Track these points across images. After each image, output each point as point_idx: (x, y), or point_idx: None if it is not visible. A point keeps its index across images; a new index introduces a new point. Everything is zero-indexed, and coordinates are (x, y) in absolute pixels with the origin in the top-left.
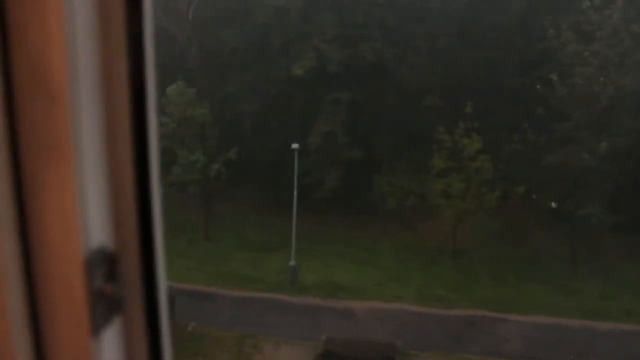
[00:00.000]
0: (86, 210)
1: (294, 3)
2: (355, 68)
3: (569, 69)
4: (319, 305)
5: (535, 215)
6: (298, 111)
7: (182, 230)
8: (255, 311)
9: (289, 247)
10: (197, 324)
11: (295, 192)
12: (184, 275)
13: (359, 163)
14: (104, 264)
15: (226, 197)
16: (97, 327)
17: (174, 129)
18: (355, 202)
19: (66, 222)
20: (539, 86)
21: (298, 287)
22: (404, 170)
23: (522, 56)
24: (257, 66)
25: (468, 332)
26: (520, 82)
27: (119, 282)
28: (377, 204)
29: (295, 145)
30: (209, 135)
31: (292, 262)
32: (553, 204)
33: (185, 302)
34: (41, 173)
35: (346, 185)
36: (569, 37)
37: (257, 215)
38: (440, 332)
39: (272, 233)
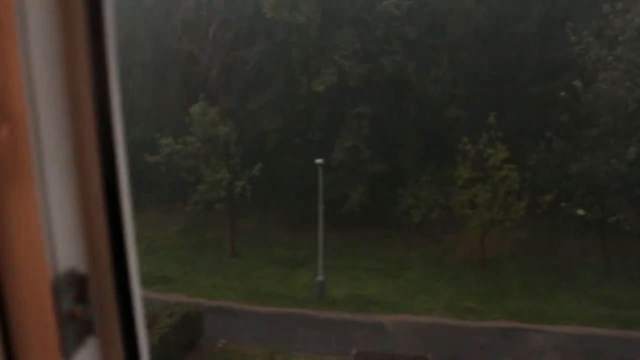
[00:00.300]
0: (53, 234)
1: (313, 20)
2: (376, 82)
3: (593, 75)
4: (348, 319)
5: (564, 223)
6: (321, 127)
7: (209, 248)
8: (284, 327)
9: (316, 262)
10: (227, 341)
11: (320, 207)
12: (211, 293)
13: (383, 177)
14: (74, 286)
15: (252, 213)
16: (68, 350)
17: (198, 148)
18: (380, 215)
19: (31, 245)
20: (562, 93)
21: (326, 302)
22: (428, 182)
23: (545, 63)
24: (278, 83)
25: (501, 344)
26: (544, 90)
27: (90, 304)
28: (402, 217)
29: (319, 161)
30: (233, 153)
31: (319, 277)
32: (582, 212)
33: (214, 319)
34: (4, 197)
35: (371, 199)
36: (591, 42)
37: (282, 231)
38: (472, 344)
39: (298, 249)
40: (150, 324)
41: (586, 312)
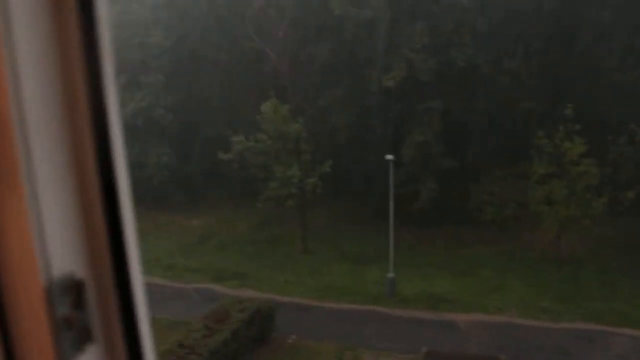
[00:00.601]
0: (46, 238)
1: (382, 14)
2: (447, 76)
3: None
4: (419, 317)
5: None
6: (391, 122)
7: (280, 244)
8: (355, 323)
9: (387, 258)
10: (297, 337)
11: (391, 204)
12: (283, 289)
13: (455, 172)
14: (71, 291)
15: (322, 210)
16: (65, 357)
17: (269, 145)
18: (452, 212)
19: (24, 250)
20: None
21: (397, 299)
22: (502, 177)
23: (626, 51)
24: (348, 79)
25: (578, 347)
26: (625, 80)
27: (88, 310)
28: (475, 213)
29: (389, 157)
30: (304, 149)
31: (390, 274)
32: None
33: (285, 315)
34: None
35: (443, 195)
36: None
37: (353, 228)
38: (547, 346)
39: (368, 245)
40: (223, 319)
41: None
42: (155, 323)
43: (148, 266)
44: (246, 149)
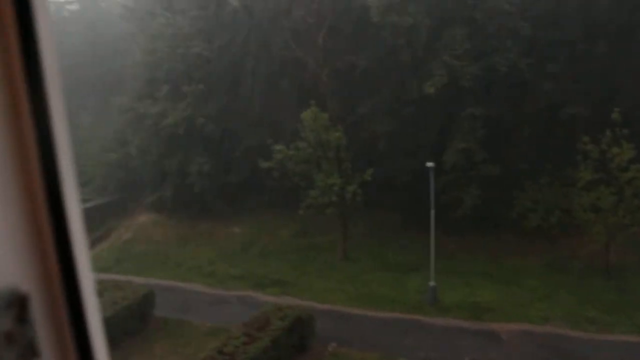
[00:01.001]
0: None
1: (421, 21)
2: (489, 81)
3: None
4: (461, 326)
5: None
6: (432, 129)
7: (321, 251)
8: (395, 332)
9: (428, 267)
10: (338, 345)
11: (432, 211)
12: (323, 296)
13: (498, 179)
14: (14, 306)
15: (363, 217)
16: None
17: (310, 153)
18: (495, 219)
19: None
20: None
21: (438, 307)
22: (546, 184)
23: None
24: (388, 87)
25: None
26: None
27: (33, 325)
28: (519, 221)
29: (430, 164)
30: (344, 157)
31: (431, 283)
32: None
33: (326, 323)
34: None
35: (485, 202)
36: None
37: (394, 236)
38: (596, 359)
39: (409, 253)
40: (263, 327)
41: None
42: (195, 329)
43: (190, 273)
44: (286, 157)
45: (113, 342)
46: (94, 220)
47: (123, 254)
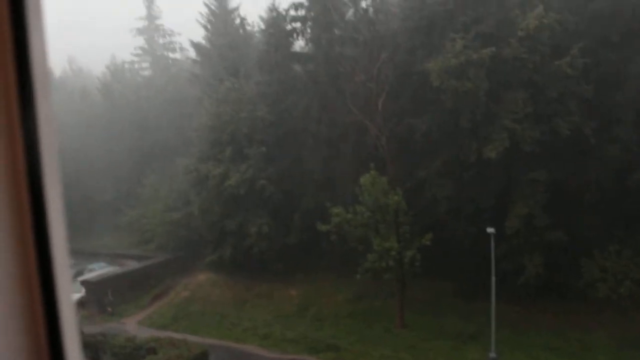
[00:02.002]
0: None
1: (481, 85)
2: (552, 145)
3: None
4: None
5: None
6: (492, 194)
7: (378, 317)
8: None
9: (488, 336)
10: None
11: (492, 279)
12: None
13: (563, 246)
14: None
15: (421, 283)
16: None
17: (368, 217)
18: (561, 288)
19: None
20: None
21: None
22: (615, 253)
23: None
24: (447, 151)
25: None
26: None
27: None
28: (586, 291)
29: (490, 229)
30: (403, 221)
31: (492, 354)
32: None
33: None
34: None
35: (550, 270)
36: None
37: (453, 302)
38: None
39: (469, 321)
40: None
41: None
42: None
43: (245, 334)
44: (345, 220)
45: None
46: (155, 277)
47: (180, 311)
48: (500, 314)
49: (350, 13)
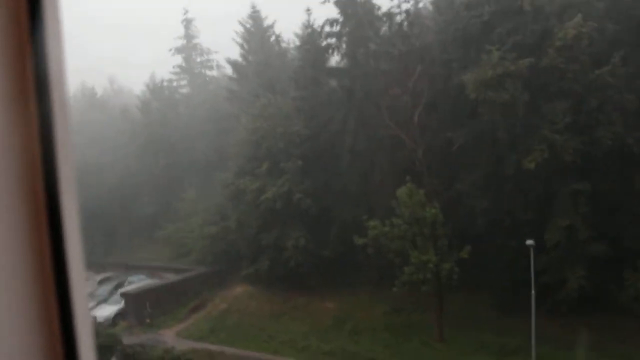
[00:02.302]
0: None
1: (519, 96)
2: (593, 156)
3: None
4: None
5: None
6: (532, 206)
7: (415, 330)
8: None
9: (528, 351)
10: None
11: (532, 292)
12: None
13: (606, 259)
14: None
15: (459, 296)
16: None
17: (405, 229)
18: (604, 302)
19: None
20: None
21: None
22: None
23: None
24: (485, 162)
25: None
26: None
27: None
28: (631, 305)
29: (530, 242)
30: (440, 234)
31: None
32: None
33: None
34: None
35: (592, 283)
36: None
37: (492, 316)
38: None
39: (509, 335)
40: None
41: None
42: None
43: (282, 347)
44: (381, 233)
45: None
46: (192, 289)
47: (218, 324)
48: (540, 329)
49: (384, 28)
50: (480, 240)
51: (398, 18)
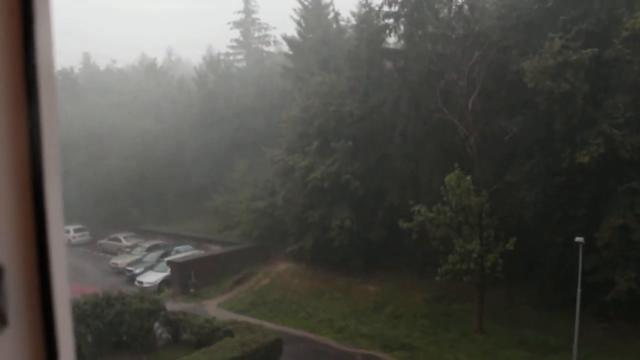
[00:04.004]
0: None
1: (579, 87)
2: None
3: None
4: None
5: None
6: (584, 202)
7: (455, 320)
8: None
9: (569, 351)
10: None
11: (578, 291)
12: None
13: None
14: None
15: (502, 289)
16: None
17: (451, 217)
18: None
19: None
20: None
21: None
22: None
23: None
24: (538, 154)
25: None
26: None
27: (5, 296)
28: None
29: (579, 239)
30: (487, 224)
31: None
32: None
33: None
34: None
35: None
36: None
37: (534, 312)
38: None
39: (551, 333)
40: None
41: None
42: None
43: (320, 326)
44: (427, 219)
45: None
46: (237, 262)
47: (259, 298)
48: (584, 330)
49: (444, 10)
50: (527, 234)
51: (459, 1)
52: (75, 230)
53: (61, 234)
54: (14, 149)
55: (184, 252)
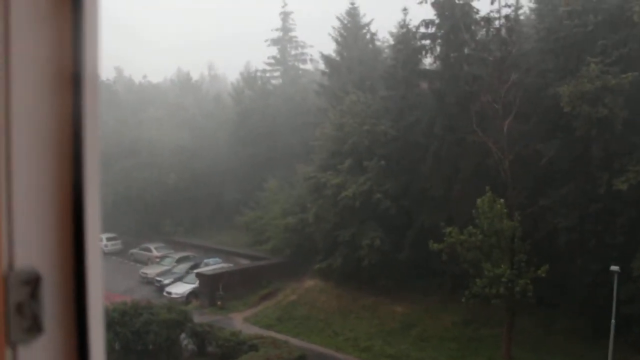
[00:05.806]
0: (14, 233)
1: (618, 113)
2: None
3: None
4: None
5: None
6: (621, 230)
7: (483, 344)
8: None
9: None
10: None
11: (612, 322)
12: None
13: None
14: (29, 284)
15: (532, 315)
16: (13, 340)
17: (481, 240)
18: None
19: None
20: None
21: None
22: None
23: None
24: (574, 180)
25: None
26: None
27: (42, 303)
28: None
29: (615, 267)
30: (518, 249)
31: None
32: None
33: None
34: None
35: None
36: None
37: (565, 341)
38: None
39: None
40: None
41: None
42: None
43: (345, 344)
44: (458, 241)
45: None
46: (265, 277)
47: (286, 314)
48: None
49: (481, 32)
50: (561, 260)
51: (496, 23)
52: (108, 239)
53: (98, 243)
54: (57, 154)
55: (213, 265)
